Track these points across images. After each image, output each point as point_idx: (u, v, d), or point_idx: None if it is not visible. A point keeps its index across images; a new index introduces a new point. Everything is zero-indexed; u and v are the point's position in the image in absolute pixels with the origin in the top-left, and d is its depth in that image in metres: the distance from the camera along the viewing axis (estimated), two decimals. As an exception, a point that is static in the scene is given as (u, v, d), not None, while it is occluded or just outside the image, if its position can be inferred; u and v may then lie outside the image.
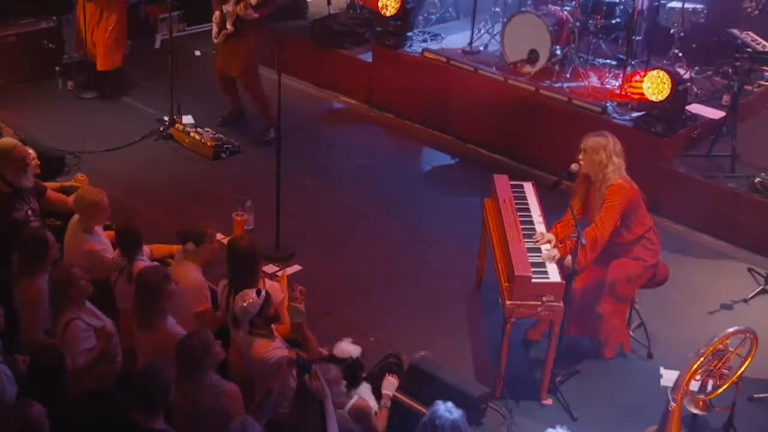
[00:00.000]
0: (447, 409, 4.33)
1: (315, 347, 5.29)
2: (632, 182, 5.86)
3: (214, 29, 8.72)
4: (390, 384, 5.22)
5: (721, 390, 5.29)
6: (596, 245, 5.74)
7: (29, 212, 6.29)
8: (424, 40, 9.86)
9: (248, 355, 5.05)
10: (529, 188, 6.54)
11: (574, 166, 5.94)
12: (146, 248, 6.00)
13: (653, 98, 7.96)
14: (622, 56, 9.03)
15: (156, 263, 5.72)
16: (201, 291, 5.60)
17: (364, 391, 4.79)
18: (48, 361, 4.72)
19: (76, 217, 6.12)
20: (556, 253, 5.77)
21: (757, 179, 7.58)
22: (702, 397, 5.33)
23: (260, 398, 4.78)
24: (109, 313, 5.54)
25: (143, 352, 5.22)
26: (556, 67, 8.82)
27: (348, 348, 5.05)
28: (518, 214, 6.15)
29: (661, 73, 7.92)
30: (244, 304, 4.99)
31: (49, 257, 5.63)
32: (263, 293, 5.02)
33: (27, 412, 4.15)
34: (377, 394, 5.20)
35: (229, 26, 8.53)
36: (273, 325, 5.15)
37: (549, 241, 5.88)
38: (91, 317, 5.27)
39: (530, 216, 6.20)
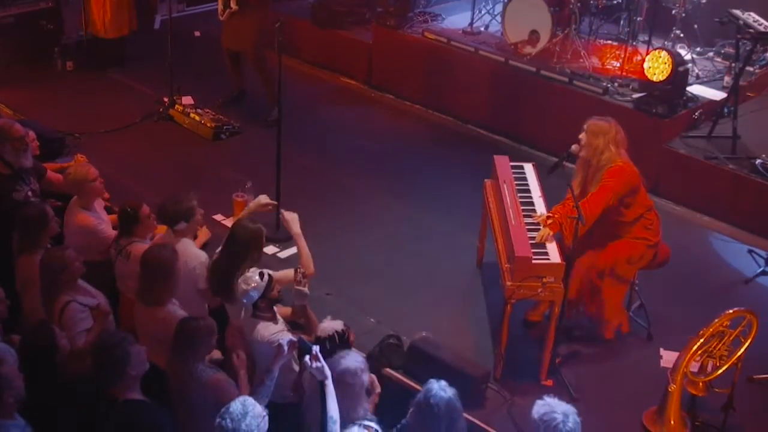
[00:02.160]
0: (441, 388, 4.22)
1: (317, 329, 5.29)
2: (632, 165, 5.85)
3: (220, 6, 8.74)
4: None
5: (720, 371, 5.29)
6: (588, 219, 5.69)
7: (29, 193, 6.29)
8: (425, 21, 9.82)
9: (251, 337, 5.05)
10: (529, 169, 6.52)
11: (574, 147, 5.93)
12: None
13: (654, 79, 7.94)
14: (623, 37, 9.00)
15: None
16: (205, 267, 5.58)
17: (354, 356, 4.77)
18: (40, 340, 4.70)
19: (75, 198, 6.12)
20: (547, 231, 5.75)
21: (758, 161, 7.56)
22: (702, 378, 5.34)
23: (260, 379, 4.79)
24: (106, 294, 5.54)
25: (144, 331, 5.22)
26: (557, 48, 8.79)
27: (331, 325, 5.04)
28: (519, 195, 6.14)
29: (663, 54, 7.89)
30: (248, 288, 4.98)
31: (49, 231, 5.63)
32: (266, 276, 5.00)
33: None
34: (376, 373, 5.20)
35: (233, 5, 8.56)
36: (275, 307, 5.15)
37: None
38: (85, 296, 5.27)
39: (531, 197, 6.19)
